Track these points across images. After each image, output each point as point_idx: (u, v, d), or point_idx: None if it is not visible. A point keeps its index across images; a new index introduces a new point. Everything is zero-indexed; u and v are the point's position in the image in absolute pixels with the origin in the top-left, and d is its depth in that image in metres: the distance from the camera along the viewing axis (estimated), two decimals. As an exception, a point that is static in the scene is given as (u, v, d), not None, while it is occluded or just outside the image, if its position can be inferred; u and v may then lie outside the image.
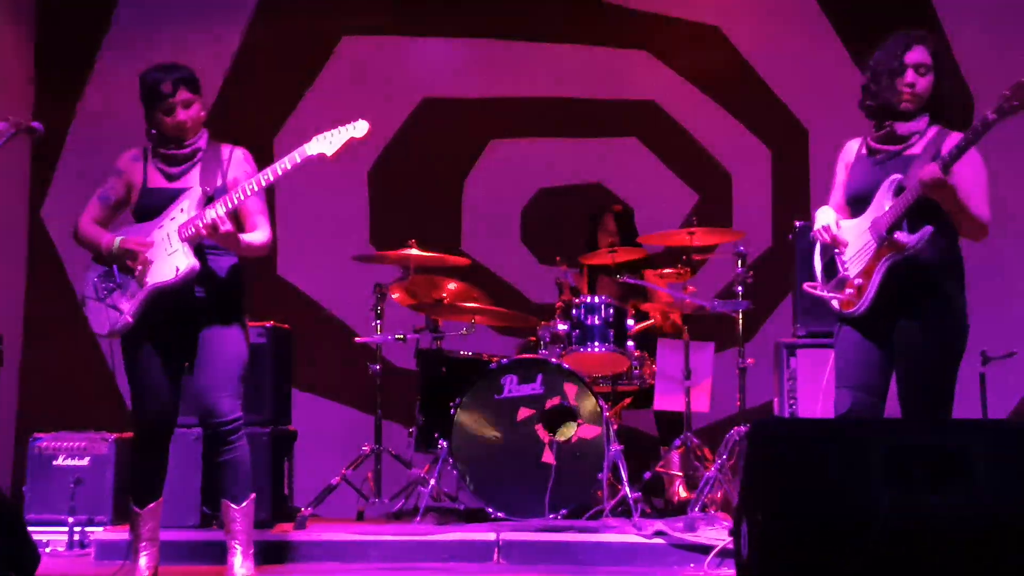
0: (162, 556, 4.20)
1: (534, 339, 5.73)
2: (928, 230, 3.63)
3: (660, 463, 5.56)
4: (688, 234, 5.50)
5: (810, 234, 3.97)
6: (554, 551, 4.73)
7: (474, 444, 5.27)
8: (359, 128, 4.04)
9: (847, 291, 3.79)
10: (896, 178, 3.72)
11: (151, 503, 4.15)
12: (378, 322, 5.71)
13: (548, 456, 5.21)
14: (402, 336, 5.68)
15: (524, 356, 5.46)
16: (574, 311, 5.51)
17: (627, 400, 5.85)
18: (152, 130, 4.14)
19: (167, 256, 4.02)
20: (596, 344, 5.44)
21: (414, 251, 5.65)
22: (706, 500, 5.06)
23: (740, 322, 5.42)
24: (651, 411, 5.84)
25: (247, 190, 4.01)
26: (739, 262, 5.41)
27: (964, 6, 6.67)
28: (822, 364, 4.71)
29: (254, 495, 4.13)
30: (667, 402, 5.61)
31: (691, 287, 5.53)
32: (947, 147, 3.62)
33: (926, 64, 3.75)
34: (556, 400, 5.27)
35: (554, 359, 5.37)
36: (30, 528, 4.04)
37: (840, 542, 2.92)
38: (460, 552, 4.74)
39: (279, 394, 5.59)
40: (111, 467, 5.32)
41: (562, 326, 5.54)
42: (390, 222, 6.95)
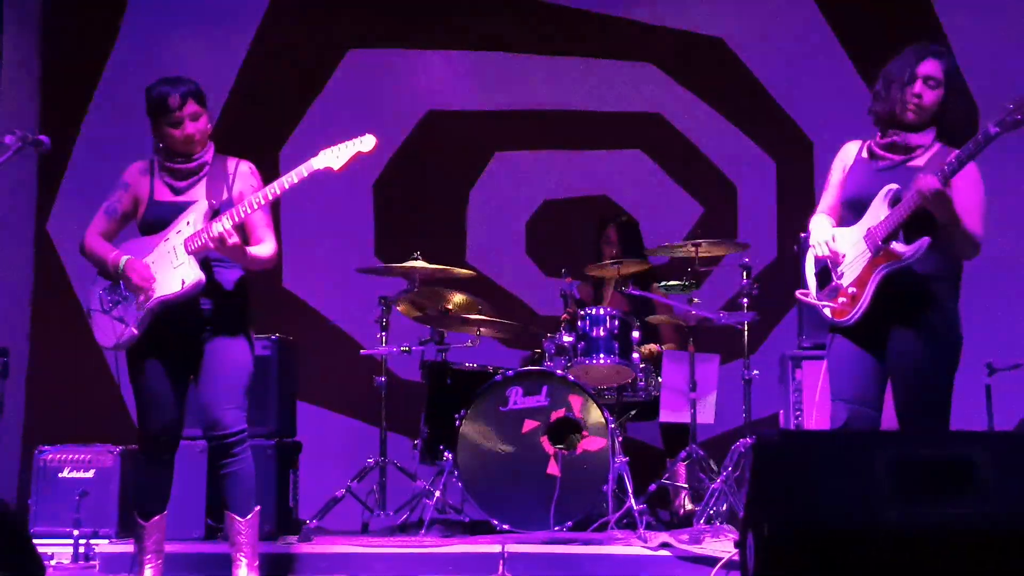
0: (167, 568, 4.20)
1: (539, 351, 5.74)
2: (925, 241, 3.63)
3: (666, 475, 5.54)
4: (693, 246, 5.51)
5: (806, 244, 3.95)
6: (559, 563, 4.71)
7: (479, 456, 5.27)
8: (366, 143, 4.05)
9: (840, 300, 3.78)
10: (892, 188, 3.72)
11: (156, 515, 4.14)
12: (383, 334, 5.71)
13: (553, 468, 5.21)
14: (407, 348, 5.69)
15: (529, 368, 5.46)
16: (579, 323, 5.52)
17: (632, 412, 5.84)
18: (159, 143, 4.15)
19: (173, 269, 4.03)
20: (601, 356, 5.44)
21: (419, 263, 5.65)
22: (712, 512, 5.05)
23: (746, 334, 5.43)
24: (656, 423, 5.83)
25: (253, 203, 4.01)
26: (744, 274, 5.42)
27: (970, 24, 6.65)
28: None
29: (259, 507, 4.13)
30: (672, 414, 5.60)
31: (696, 299, 5.54)
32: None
33: (936, 78, 3.75)
34: (561, 412, 5.27)
35: (559, 371, 5.37)
36: (35, 541, 4.00)
37: (846, 554, 2.91)
38: (465, 564, 4.72)
39: (284, 406, 5.60)
40: (116, 479, 5.31)
41: (567, 338, 5.54)
42: (395, 234, 6.95)
